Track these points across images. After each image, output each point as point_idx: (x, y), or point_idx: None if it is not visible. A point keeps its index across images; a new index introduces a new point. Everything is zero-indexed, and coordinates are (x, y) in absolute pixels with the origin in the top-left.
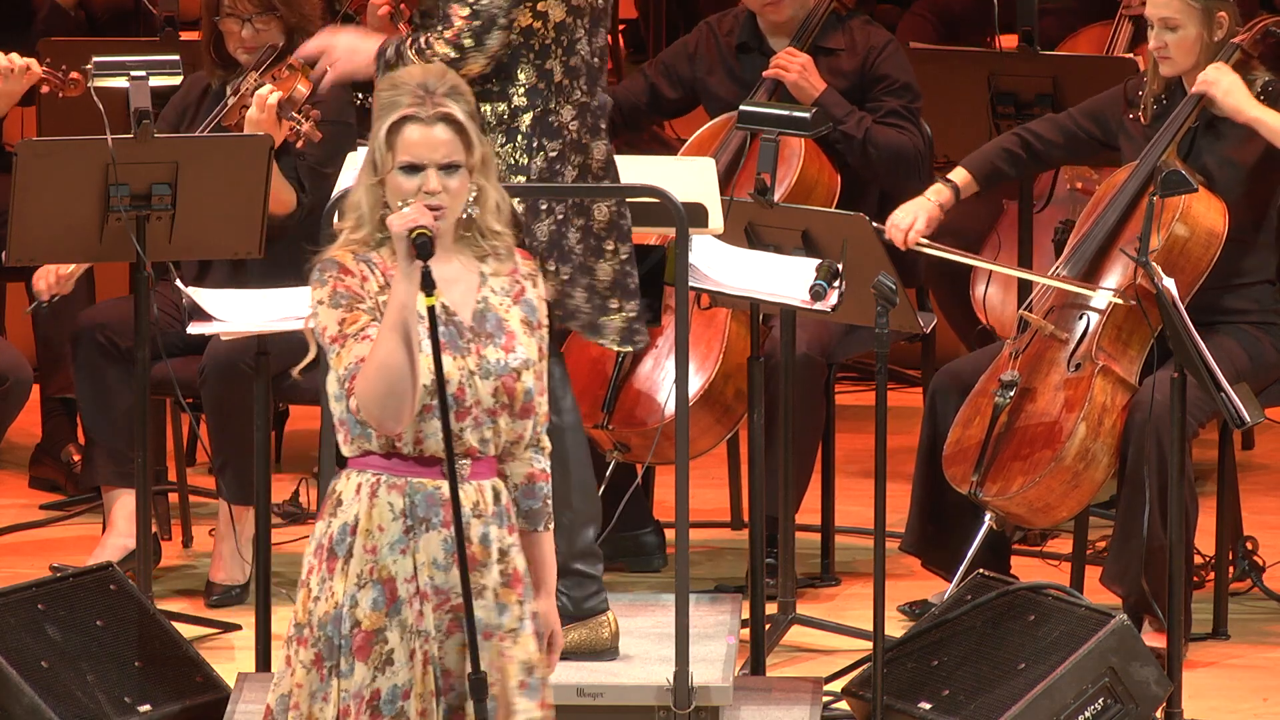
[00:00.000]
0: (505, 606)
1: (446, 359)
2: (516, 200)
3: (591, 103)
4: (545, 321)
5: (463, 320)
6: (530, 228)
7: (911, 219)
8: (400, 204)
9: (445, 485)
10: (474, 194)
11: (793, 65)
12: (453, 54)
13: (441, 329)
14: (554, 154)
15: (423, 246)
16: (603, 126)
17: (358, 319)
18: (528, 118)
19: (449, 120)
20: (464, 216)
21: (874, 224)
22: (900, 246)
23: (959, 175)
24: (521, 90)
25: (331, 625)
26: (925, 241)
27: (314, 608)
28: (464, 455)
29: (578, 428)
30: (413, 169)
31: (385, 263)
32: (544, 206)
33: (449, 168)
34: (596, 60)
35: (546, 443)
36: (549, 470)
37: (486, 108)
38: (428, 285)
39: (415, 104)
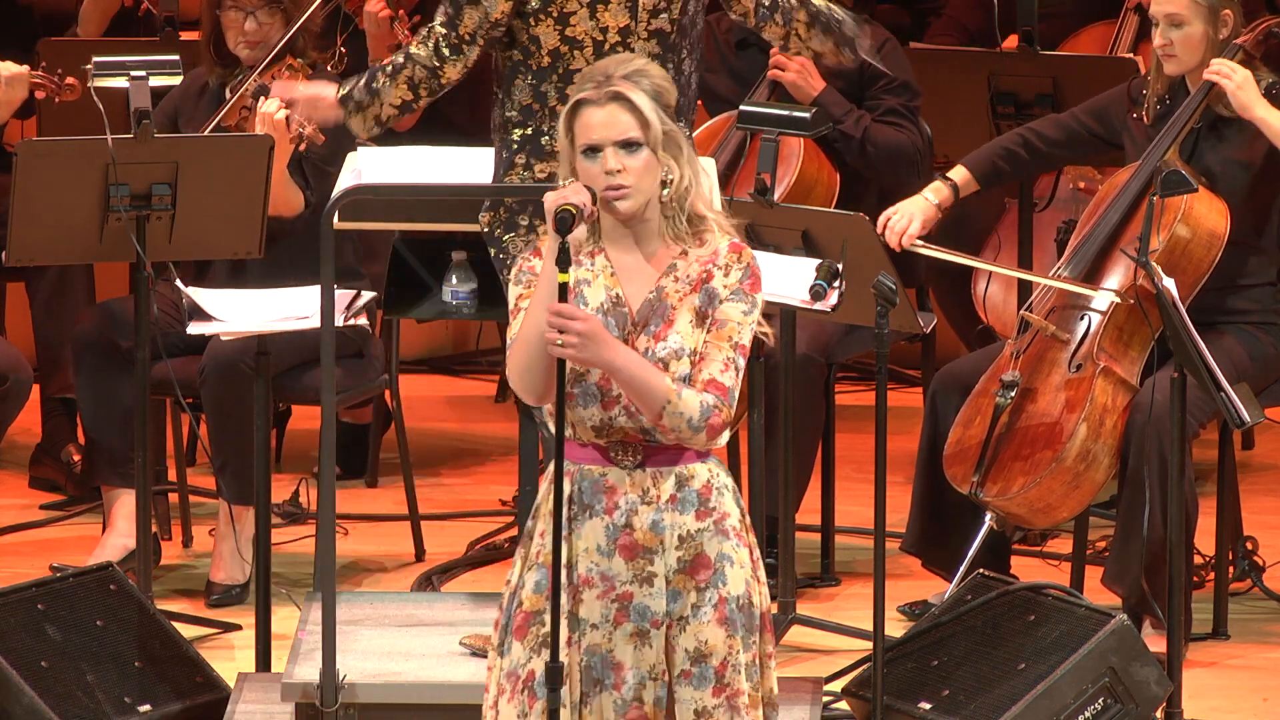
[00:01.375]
0: (679, 593)
1: None
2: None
3: None
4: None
5: (628, 311)
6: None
7: (907, 221)
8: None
9: (610, 471)
10: (666, 174)
11: (791, 64)
12: (434, 60)
13: (605, 318)
14: (543, 175)
15: (562, 221)
16: None
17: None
18: (519, 133)
19: (620, 98)
20: (661, 199)
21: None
22: (895, 248)
23: (959, 174)
24: (516, 106)
25: (507, 608)
26: (920, 243)
27: (506, 591)
28: (622, 442)
29: None
30: (592, 151)
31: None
32: (524, 223)
33: (627, 145)
34: None
35: (721, 408)
36: (697, 413)
37: (493, 112)
38: (562, 261)
39: (591, 89)
